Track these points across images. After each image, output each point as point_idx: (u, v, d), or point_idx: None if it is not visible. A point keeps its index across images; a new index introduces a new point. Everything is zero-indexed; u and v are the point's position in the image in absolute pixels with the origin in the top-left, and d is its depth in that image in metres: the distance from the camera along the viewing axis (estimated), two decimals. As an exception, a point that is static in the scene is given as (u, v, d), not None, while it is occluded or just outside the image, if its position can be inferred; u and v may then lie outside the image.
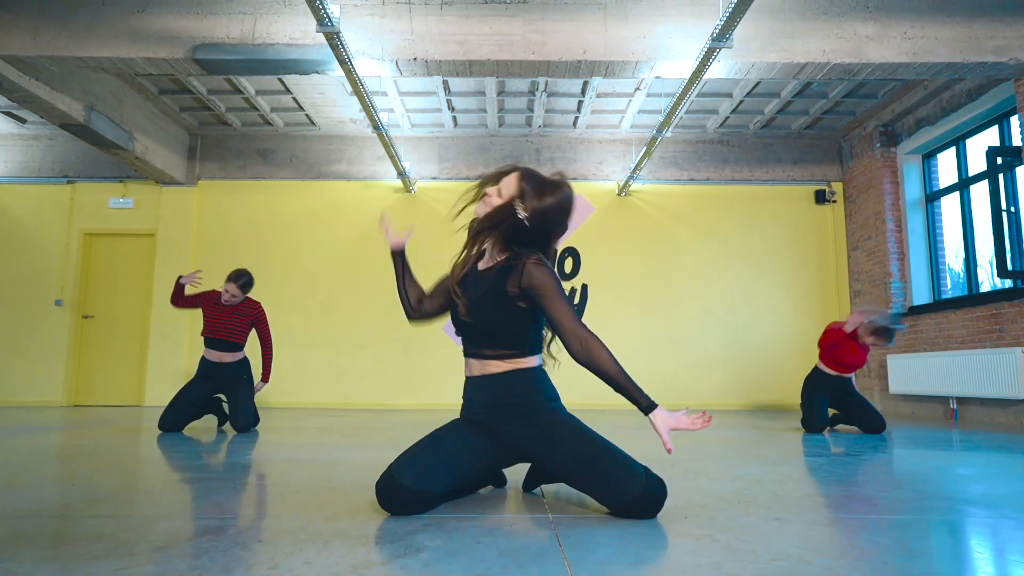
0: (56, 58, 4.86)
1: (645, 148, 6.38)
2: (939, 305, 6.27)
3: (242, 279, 4.46)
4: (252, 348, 4.71)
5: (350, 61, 4.61)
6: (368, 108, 5.39)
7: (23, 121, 7.36)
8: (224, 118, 7.28)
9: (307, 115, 7.24)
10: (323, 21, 4.06)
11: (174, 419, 4.27)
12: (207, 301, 4.52)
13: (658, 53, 4.88)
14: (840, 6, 4.93)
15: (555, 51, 4.88)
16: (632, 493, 1.73)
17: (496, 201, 1.90)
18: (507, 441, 1.90)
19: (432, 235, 7.54)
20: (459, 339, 2.02)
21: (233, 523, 1.71)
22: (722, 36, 4.16)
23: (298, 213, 7.71)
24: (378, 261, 7.63)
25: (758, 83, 6.47)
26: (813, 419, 4.56)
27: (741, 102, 6.90)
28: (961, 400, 5.84)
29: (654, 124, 7.40)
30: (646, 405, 1.79)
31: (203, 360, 4.52)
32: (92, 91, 5.92)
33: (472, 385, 1.96)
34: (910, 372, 6.35)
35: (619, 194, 7.74)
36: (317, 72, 5.05)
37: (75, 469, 2.69)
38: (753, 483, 2.37)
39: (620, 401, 2.07)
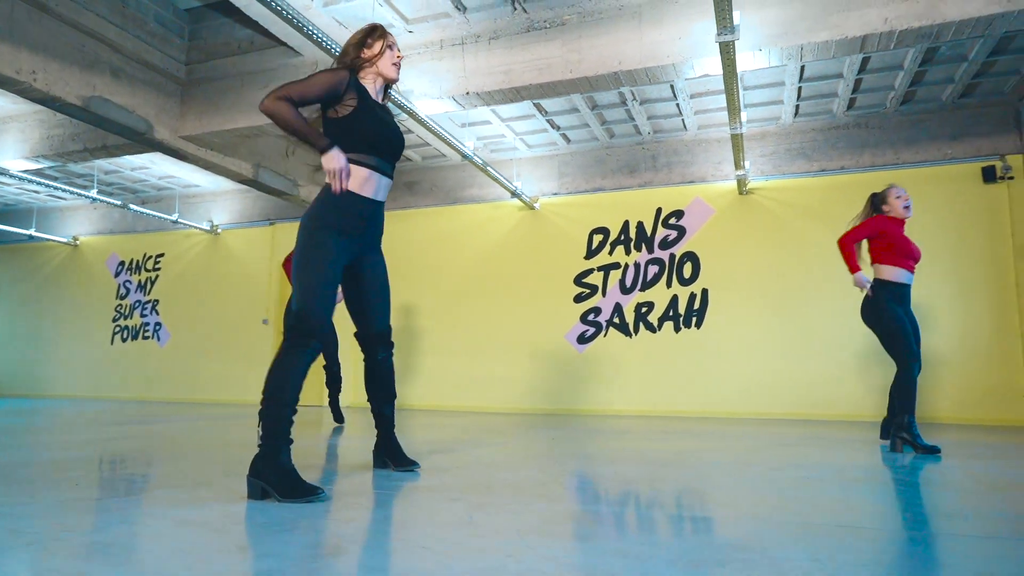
0: (215, 132, 6.29)
1: (732, 145, 6.09)
2: None
3: None
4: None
5: (410, 105, 5.29)
6: (444, 140, 6.01)
7: (220, 175, 9.33)
8: (373, 159, 8.48)
9: (436, 149, 8.13)
10: (364, 77, 4.77)
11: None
12: None
13: (695, 52, 4.77)
14: (907, -36, 4.35)
15: (591, 67, 5.03)
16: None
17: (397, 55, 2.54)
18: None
19: (553, 249, 7.99)
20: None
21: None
22: (724, 29, 4.01)
23: (438, 235, 8.64)
24: (507, 275, 8.24)
25: (867, 58, 5.81)
26: (913, 346, 3.84)
27: (860, 80, 6.21)
28: None
29: (770, 116, 7.00)
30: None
31: None
32: (259, 151, 7.42)
33: (375, 206, 2.42)
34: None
35: (740, 193, 7.37)
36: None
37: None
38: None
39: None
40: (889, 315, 3.90)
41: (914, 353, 3.84)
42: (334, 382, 5.60)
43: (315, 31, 4.35)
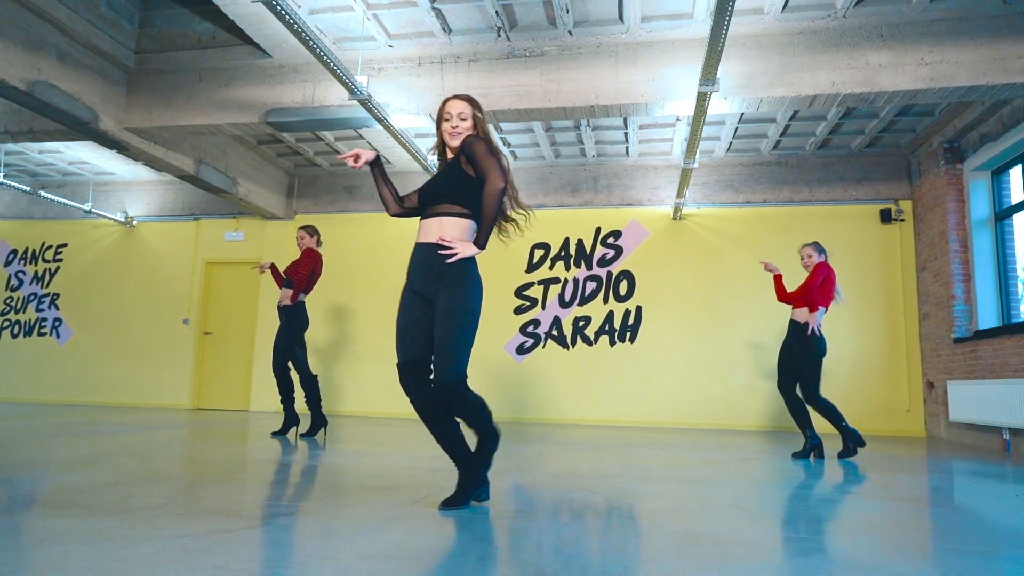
0: (165, 127, 6.00)
1: (681, 177, 6.60)
2: (1002, 330, 5.96)
3: (306, 227, 5.57)
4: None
5: (387, 119, 5.34)
6: (413, 154, 6.09)
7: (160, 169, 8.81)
8: (314, 160, 8.33)
9: (383, 156, 8.12)
10: (353, 91, 4.79)
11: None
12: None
13: (666, 94, 5.18)
14: (852, 37, 4.98)
15: (569, 98, 5.32)
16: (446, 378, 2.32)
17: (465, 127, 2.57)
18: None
19: (495, 260, 8.19)
20: None
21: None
22: (707, 81, 4.42)
23: (378, 240, 8.61)
24: (446, 285, 8.34)
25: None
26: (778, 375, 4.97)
27: (788, 126, 6.92)
28: (1016, 432, 5.54)
29: (706, 149, 7.59)
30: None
31: None
32: (201, 147, 7.11)
33: (418, 248, 2.61)
34: (968, 399, 6.08)
35: (674, 218, 7.94)
36: (365, 127, 5.83)
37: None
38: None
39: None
40: None
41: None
42: (309, 385, 5.43)
43: (311, 38, 4.31)
